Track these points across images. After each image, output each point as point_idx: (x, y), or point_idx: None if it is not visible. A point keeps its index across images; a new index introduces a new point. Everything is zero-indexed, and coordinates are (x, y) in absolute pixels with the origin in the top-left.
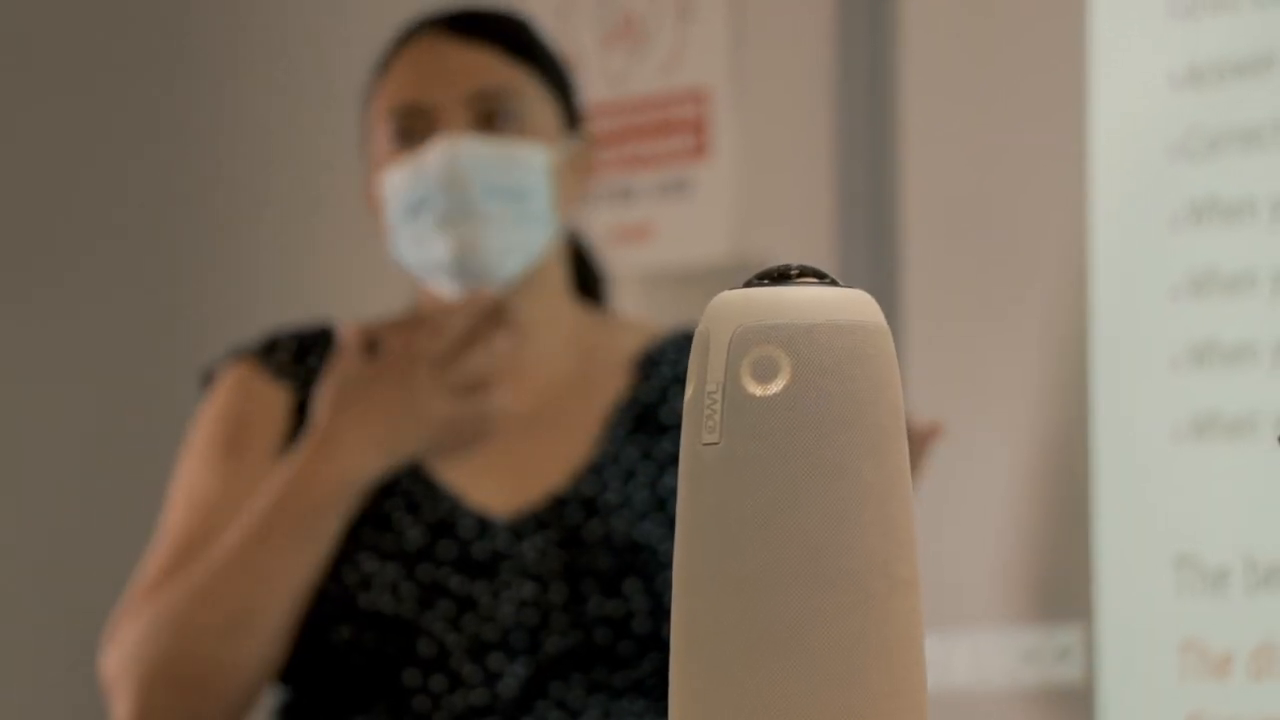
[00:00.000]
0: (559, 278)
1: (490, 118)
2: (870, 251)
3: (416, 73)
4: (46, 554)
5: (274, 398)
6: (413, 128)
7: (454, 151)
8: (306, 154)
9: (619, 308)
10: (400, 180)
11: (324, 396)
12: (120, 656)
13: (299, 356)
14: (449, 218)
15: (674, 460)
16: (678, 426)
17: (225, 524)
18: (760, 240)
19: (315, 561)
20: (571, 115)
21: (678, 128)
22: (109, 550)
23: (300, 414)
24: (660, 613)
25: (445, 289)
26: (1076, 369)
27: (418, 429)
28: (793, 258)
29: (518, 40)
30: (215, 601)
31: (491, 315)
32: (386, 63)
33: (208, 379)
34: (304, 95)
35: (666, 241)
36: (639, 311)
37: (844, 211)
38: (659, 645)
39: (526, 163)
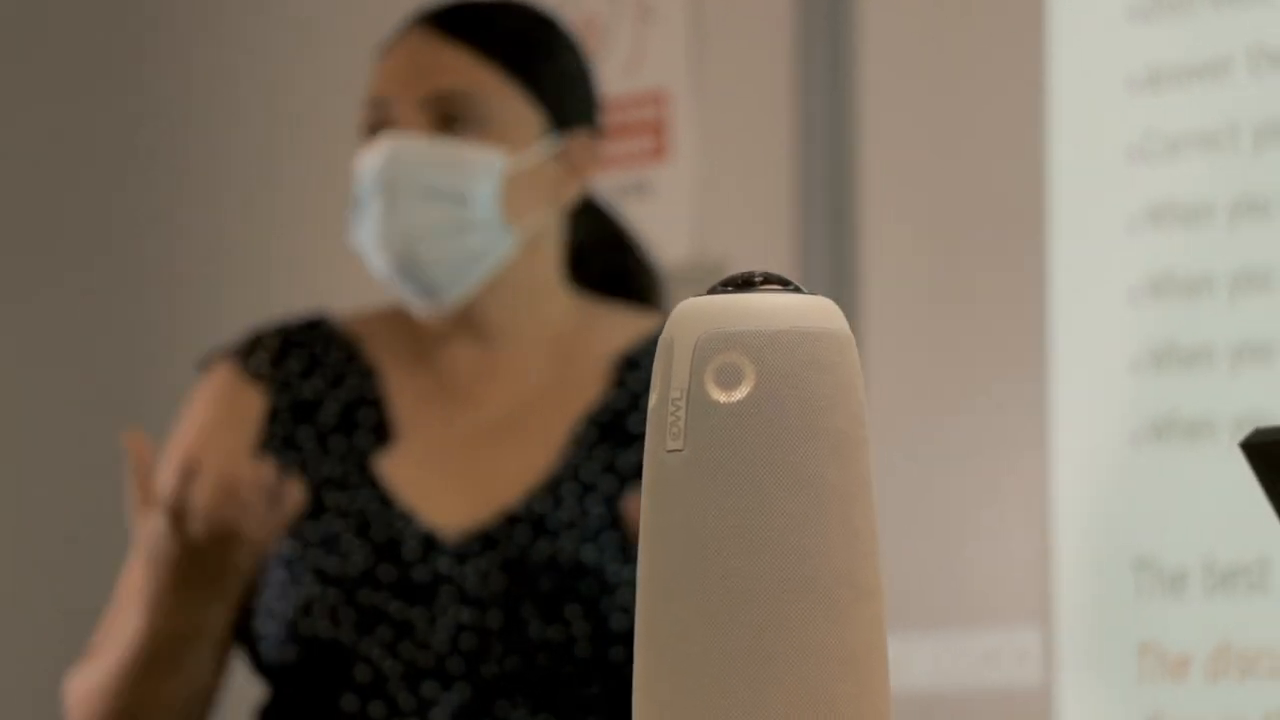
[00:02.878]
0: (539, 278)
1: (447, 121)
2: (830, 253)
3: (385, 67)
4: (32, 554)
5: (249, 400)
6: (375, 122)
7: (393, 150)
8: (286, 149)
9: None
10: (356, 176)
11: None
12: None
13: (279, 358)
14: (381, 222)
15: (638, 473)
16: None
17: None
18: (719, 242)
19: (187, 685)
20: (564, 114)
21: (637, 130)
22: (94, 550)
23: (272, 420)
24: (605, 637)
25: (403, 296)
26: (1036, 370)
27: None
28: (752, 260)
29: (500, 40)
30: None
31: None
32: (382, 50)
33: (204, 365)
34: (284, 92)
35: None
36: None
37: (803, 214)
38: (605, 669)
39: (472, 167)
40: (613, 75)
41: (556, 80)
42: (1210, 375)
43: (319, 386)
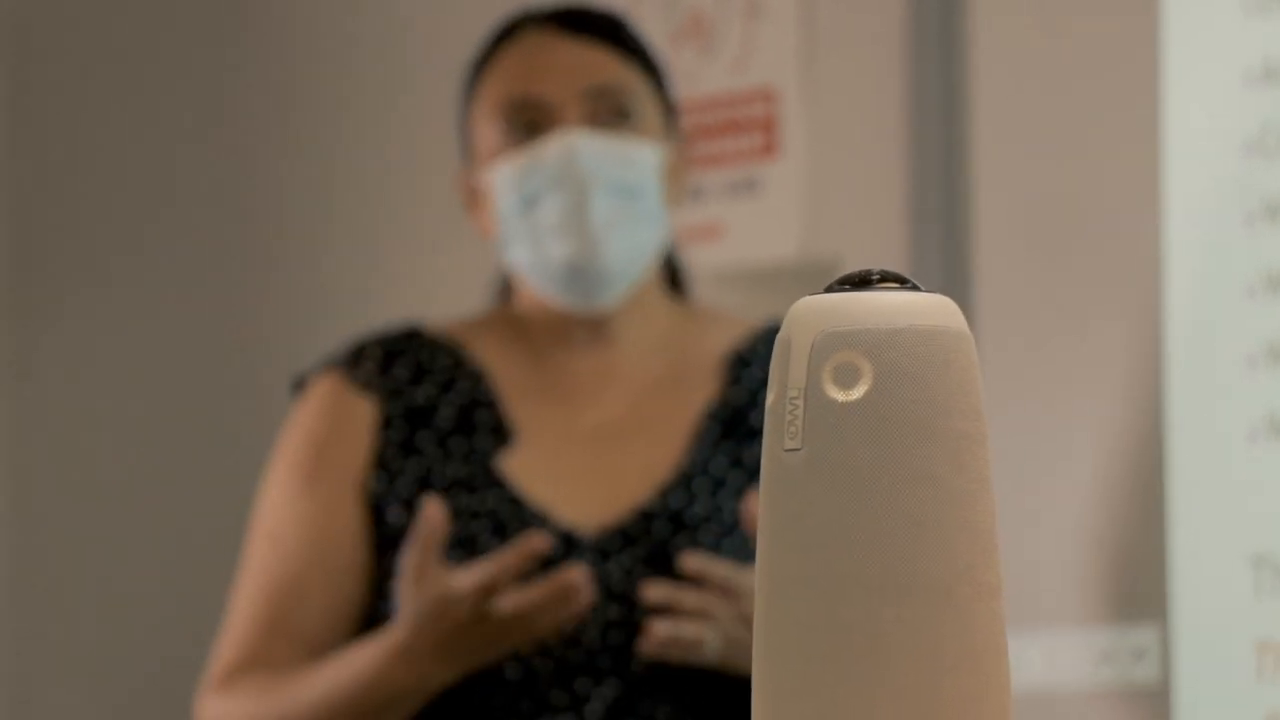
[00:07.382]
0: (655, 278)
1: (606, 114)
2: (942, 252)
3: (529, 67)
4: (140, 556)
5: (359, 411)
6: (528, 121)
7: (573, 146)
8: (383, 154)
9: (700, 300)
10: (514, 173)
11: (412, 602)
12: None
13: (385, 366)
14: (569, 216)
15: None
16: None
17: (306, 583)
18: (829, 240)
19: None
20: (670, 113)
21: (747, 127)
22: (195, 555)
23: (387, 427)
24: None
25: (553, 298)
26: (1152, 368)
27: (490, 650)
28: (862, 258)
29: (624, 37)
30: None
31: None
32: (490, 56)
33: (299, 386)
34: (378, 95)
35: (736, 241)
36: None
37: (915, 211)
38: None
39: (641, 161)
40: (722, 72)
41: (665, 80)
42: None
43: (430, 392)
